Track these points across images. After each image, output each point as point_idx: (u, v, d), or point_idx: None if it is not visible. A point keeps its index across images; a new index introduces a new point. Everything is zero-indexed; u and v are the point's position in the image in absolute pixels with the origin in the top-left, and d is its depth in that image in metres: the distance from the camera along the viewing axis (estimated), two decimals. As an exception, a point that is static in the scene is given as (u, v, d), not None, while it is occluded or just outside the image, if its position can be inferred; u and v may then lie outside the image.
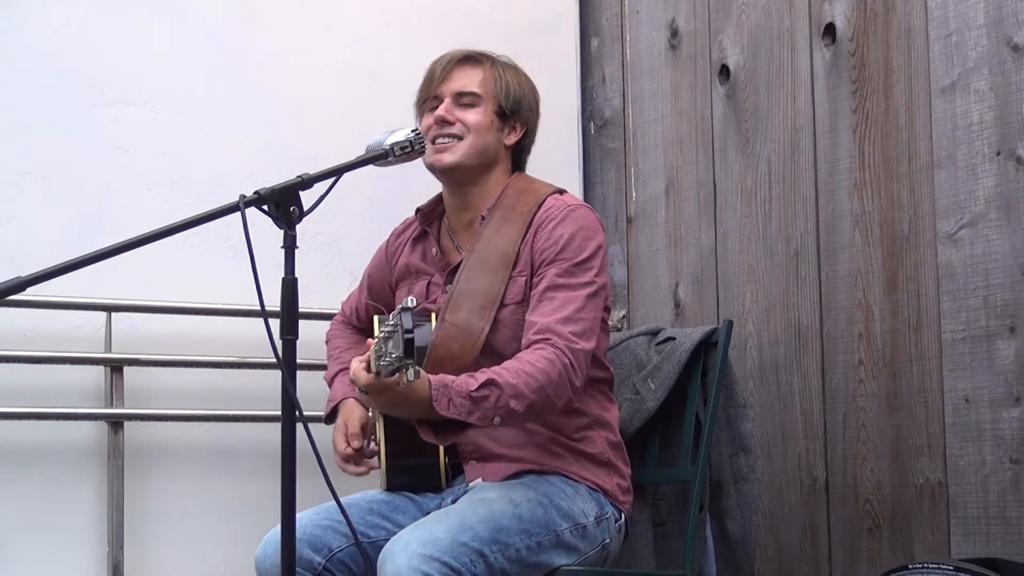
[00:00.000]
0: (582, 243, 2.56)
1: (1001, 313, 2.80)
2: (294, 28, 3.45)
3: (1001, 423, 2.79)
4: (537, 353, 2.42)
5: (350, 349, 2.89)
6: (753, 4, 3.38)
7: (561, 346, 2.43)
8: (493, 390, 2.32)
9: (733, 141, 3.42)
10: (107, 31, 3.21)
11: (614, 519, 2.61)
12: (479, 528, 2.35)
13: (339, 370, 2.83)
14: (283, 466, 2.07)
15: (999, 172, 2.81)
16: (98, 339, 3.11)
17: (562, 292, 2.51)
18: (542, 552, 2.45)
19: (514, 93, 2.69)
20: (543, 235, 2.58)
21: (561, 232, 2.57)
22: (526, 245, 2.59)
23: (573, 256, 2.54)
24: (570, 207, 2.62)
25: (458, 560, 2.28)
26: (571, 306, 2.49)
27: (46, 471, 3.06)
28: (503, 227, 2.63)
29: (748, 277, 3.34)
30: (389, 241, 2.90)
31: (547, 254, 2.56)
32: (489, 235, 2.63)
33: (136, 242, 2.06)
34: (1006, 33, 2.81)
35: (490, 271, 2.58)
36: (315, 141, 3.34)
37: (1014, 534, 2.75)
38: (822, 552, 3.12)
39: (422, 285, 2.75)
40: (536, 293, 2.53)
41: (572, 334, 2.46)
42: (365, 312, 2.93)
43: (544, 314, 2.49)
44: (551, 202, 2.64)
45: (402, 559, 2.25)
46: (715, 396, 2.86)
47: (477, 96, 2.67)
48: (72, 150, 3.15)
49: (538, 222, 2.61)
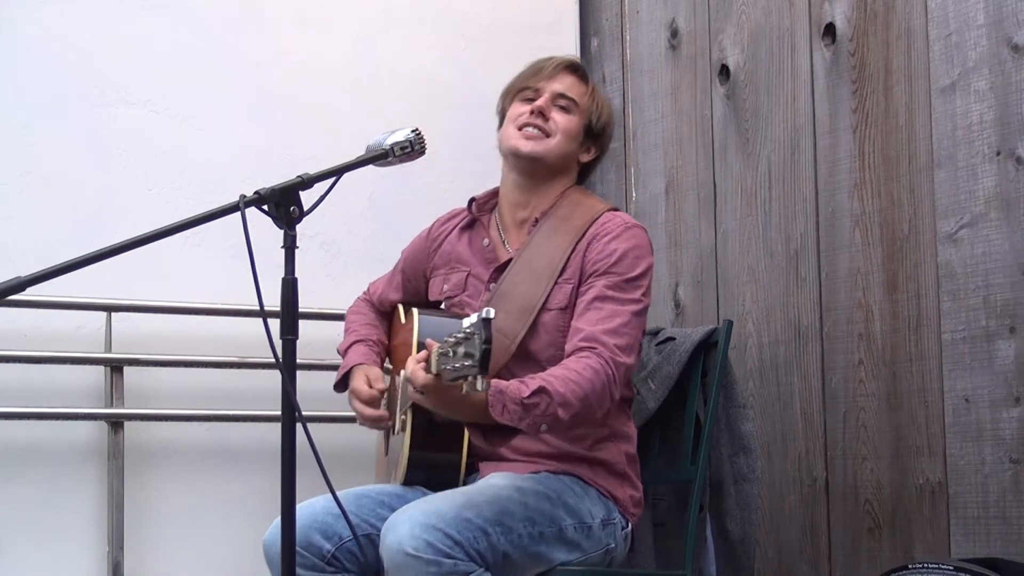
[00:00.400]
0: (635, 260, 2.60)
1: (1001, 313, 2.80)
2: (294, 28, 3.45)
3: (1001, 423, 2.79)
4: (583, 361, 2.44)
5: (367, 326, 2.89)
6: (753, 4, 3.38)
7: (606, 357, 2.46)
8: (543, 398, 2.34)
9: (733, 141, 3.42)
10: (107, 31, 3.21)
11: (620, 526, 2.61)
12: (484, 508, 2.37)
13: (355, 341, 2.84)
14: (283, 466, 2.07)
15: (999, 172, 2.81)
16: (98, 339, 3.11)
17: (610, 304, 2.54)
18: (543, 543, 2.46)
19: (604, 118, 2.78)
20: (597, 246, 2.61)
21: (615, 247, 2.60)
22: (577, 254, 2.62)
23: (625, 272, 2.58)
24: (627, 225, 2.66)
25: (460, 533, 2.30)
26: (617, 319, 2.52)
27: (46, 471, 3.06)
28: (554, 235, 2.66)
29: (748, 277, 3.34)
30: (433, 227, 2.90)
31: (599, 266, 2.59)
32: (539, 241, 2.66)
33: (136, 242, 2.06)
34: (1006, 33, 2.81)
35: (535, 276, 2.60)
36: (315, 141, 3.35)
37: (1014, 534, 2.75)
38: (822, 552, 3.12)
39: (460, 277, 2.76)
40: (583, 301, 2.56)
41: (617, 347, 2.48)
42: (392, 299, 2.92)
43: (590, 322, 2.51)
44: (608, 217, 2.68)
45: (405, 528, 2.27)
46: (715, 396, 2.86)
47: (575, 104, 2.74)
48: (72, 150, 3.15)
49: (593, 234, 2.64)
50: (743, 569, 2.92)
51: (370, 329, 2.88)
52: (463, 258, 2.78)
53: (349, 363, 2.78)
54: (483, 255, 2.75)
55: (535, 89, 2.75)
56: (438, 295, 2.79)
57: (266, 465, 3.03)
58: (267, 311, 2.04)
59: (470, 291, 2.72)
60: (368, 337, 2.85)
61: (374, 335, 2.87)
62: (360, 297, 3.00)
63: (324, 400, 3.20)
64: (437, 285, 2.81)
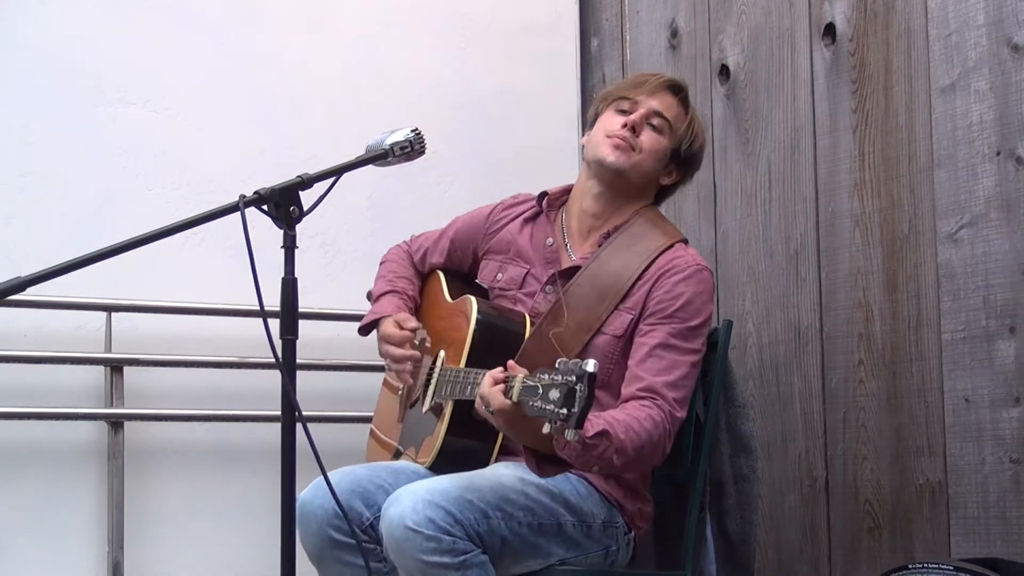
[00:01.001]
0: (700, 307, 2.58)
1: (1001, 313, 2.79)
2: (294, 28, 3.45)
3: (1001, 423, 2.79)
4: (646, 411, 2.43)
5: (404, 279, 2.86)
6: (753, 4, 3.38)
7: (666, 411, 2.45)
8: (603, 441, 2.32)
9: (733, 141, 3.42)
10: (107, 31, 3.21)
11: (623, 531, 2.61)
12: (487, 492, 2.37)
13: (390, 290, 2.81)
14: (283, 466, 2.07)
15: (999, 172, 2.81)
16: (98, 339, 3.11)
17: (671, 354, 2.52)
18: (542, 535, 2.46)
19: (694, 145, 2.73)
20: (665, 285, 2.58)
21: (683, 290, 2.57)
22: (643, 284, 2.59)
23: (689, 319, 2.55)
24: (698, 267, 2.63)
25: (462, 513, 2.30)
26: (678, 371, 2.51)
27: (46, 471, 3.06)
28: (623, 253, 2.63)
29: (748, 277, 3.34)
30: (495, 208, 2.87)
31: (664, 307, 2.56)
32: (607, 256, 2.63)
33: (136, 242, 2.06)
34: (1006, 33, 2.81)
35: (599, 294, 2.58)
36: (315, 141, 3.35)
37: (1014, 534, 2.75)
38: (822, 552, 3.11)
39: (518, 272, 2.73)
40: (644, 344, 2.53)
41: (675, 400, 2.48)
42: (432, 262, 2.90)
43: (651, 372, 2.49)
44: (679, 251, 2.65)
45: (408, 502, 2.28)
46: (715, 396, 2.86)
47: (668, 125, 2.70)
48: (72, 150, 3.15)
49: (662, 267, 2.60)
50: (743, 569, 2.92)
51: (406, 283, 2.85)
52: (523, 253, 2.75)
53: (380, 312, 2.76)
54: (544, 255, 2.72)
55: (633, 101, 2.70)
56: (489, 282, 2.75)
57: (266, 465, 3.02)
58: (267, 311, 2.04)
59: (526, 289, 2.70)
60: (404, 291, 2.82)
61: (410, 289, 2.84)
62: (400, 246, 2.97)
63: (324, 400, 3.21)
64: (490, 271, 2.77)
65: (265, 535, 2.52)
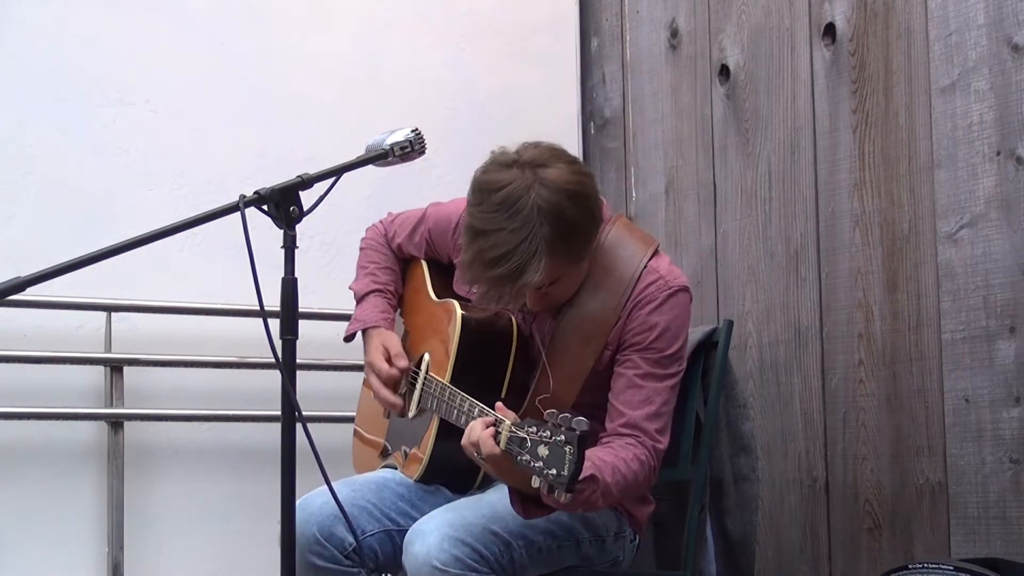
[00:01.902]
0: (676, 332, 2.49)
1: (1001, 313, 2.79)
2: (294, 28, 3.45)
3: (1001, 423, 2.79)
4: (632, 452, 2.39)
5: (386, 270, 2.78)
6: (753, 4, 3.38)
7: (649, 447, 2.42)
8: (590, 485, 2.26)
9: (733, 141, 3.42)
10: (107, 31, 3.21)
11: (630, 539, 2.61)
12: (509, 520, 2.35)
13: (374, 289, 2.74)
14: (283, 466, 2.07)
15: (999, 172, 2.81)
16: (98, 339, 3.11)
17: (650, 383, 2.46)
18: (559, 554, 2.46)
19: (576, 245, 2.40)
20: (638, 317, 2.48)
21: (657, 320, 2.47)
22: (620, 320, 2.49)
23: (665, 348, 2.48)
24: (670, 291, 2.48)
25: (487, 548, 2.29)
26: (658, 399, 2.46)
27: (46, 471, 3.06)
28: (598, 292, 2.51)
29: (748, 277, 3.34)
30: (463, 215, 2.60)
31: (639, 339, 2.48)
32: (584, 299, 2.51)
33: (136, 242, 2.06)
34: (1006, 33, 2.81)
35: (583, 340, 2.50)
36: (315, 141, 3.35)
37: (1014, 534, 2.75)
38: (822, 552, 3.11)
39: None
40: (623, 376, 2.47)
41: (657, 431, 2.44)
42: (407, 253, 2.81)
43: (631, 406, 2.44)
44: (651, 276, 2.50)
45: (433, 539, 2.26)
46: (715, 396, 2.86)
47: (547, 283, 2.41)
48: (72, 150, 3.15)
49: (636, 299, 2.49)
50: (743, 569, 2.92)
51: (388, 275, 2.78)
52: None
53: (366, 320, 2.68)
54: None
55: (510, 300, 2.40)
56: (466, 293, 2.63)
57: (266, 465, 3.02)
58: (267, 311, 2.04)
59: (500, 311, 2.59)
60: (386, 286, 2.76)
61: (391, 283, 2.78)
62: (378, 228, 2.86)
63: (324, 400, 3.21)
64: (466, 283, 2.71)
65: (265, 535, 2.53)
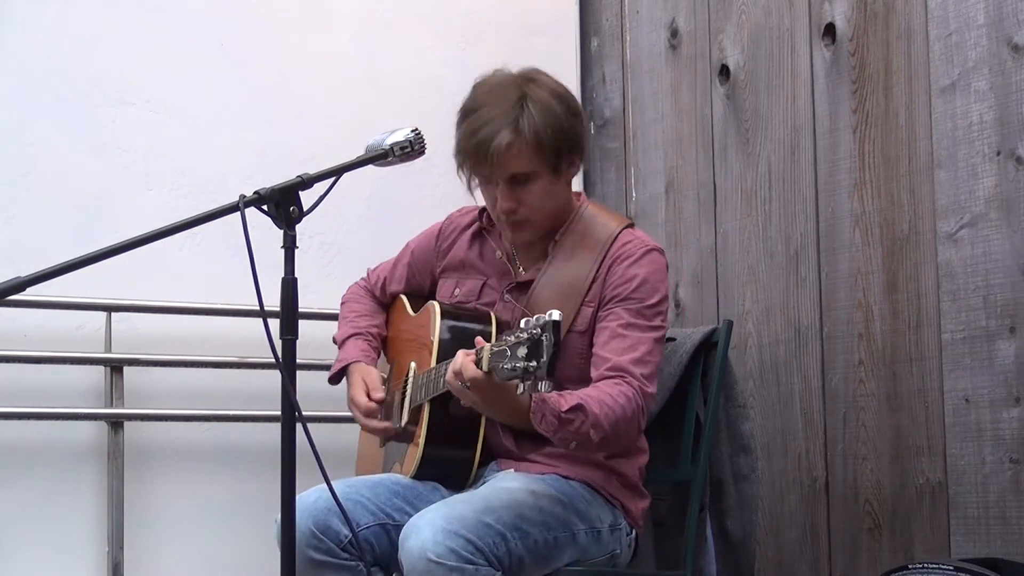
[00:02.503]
0: (654, 287, 2.57)
1: (1001, 313, 2.79)
2: (294, 28, 3.45)
3: (1001, 423, 2.79)
4: (617, 388, 2.43)
5: (366, 316, 2.86)
6: (753, 4, 3.38)
7: (636, 386, 2.45)
8: (579, 415, 2.33)
9: (733, 141, 3.42)
10: (107, 31, 3.21)
11: (626, 532, 2.61)
12: (503, 512, 2.37)
13: (353, 334, 2.81)
14: (283, 466, 2.07)
15: (999, 172, 2.81)
16: (98, 339, 3.11)
17: (634, 332, 2.52)
18: (556, 547, 2.46)
19: (561, 144, 2.55)
20: (618, 271, 2.58)
21: (636, 272, 2.57)
22: (599, 277, 2.59)
23: (645, 298, 2.55)
24: (647, 248, 2.61)
25: (482, 539, 2.29)
26: (642, 347, 2.51)
27: (46, 471, 3.06)
28: (575, 253, 2.62)
29: (748, 277, 3.34)
30: (443, 225, 2.83)
31: (619, 291, 2.56)
32: (561, 260, 2.62)
33: (136, 242, 2.06)
34: (1006, 33, 2.81)
35: (563, 297, 2.57)
36: (315, 141, 3.34)
37: (1014, 534, 2.75)
38: (822, 552, 3.11)
39: (475, 284, 2.72)
40: (606, 329, 2.53)
41: (643, 376, 2.48)
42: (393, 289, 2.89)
43: (616, 352, 2.50)
44: (627, 237, 2.63)
45: (428, 533, 2.27)
46: (715, 396, 2.86)
47: (529, 172, 2.54)
48: (72, 150, 3.15)
49: (614, 255, 2.60)
50: (743, 569, 2.92)
51: (368, 321, 2.85)
52: (476, 266, 2.74)
53: (346, 359, 2.76)
54: (496, 267, 2.72)
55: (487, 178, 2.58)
56: (448, 298, 2.75)
57: (266, 465, 3.03)
58: (267, 311, 2.04)
59: (485, 299, 2.69)
60: (367, 330, 2.83)
61: (373, 328, 2.84)
62: (358, 283, 2.96)
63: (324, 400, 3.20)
64: (448, 288, 2.77)
65: (265, 535, 2.53)
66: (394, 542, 2.42)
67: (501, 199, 2.57)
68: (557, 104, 2.57)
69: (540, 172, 2.56)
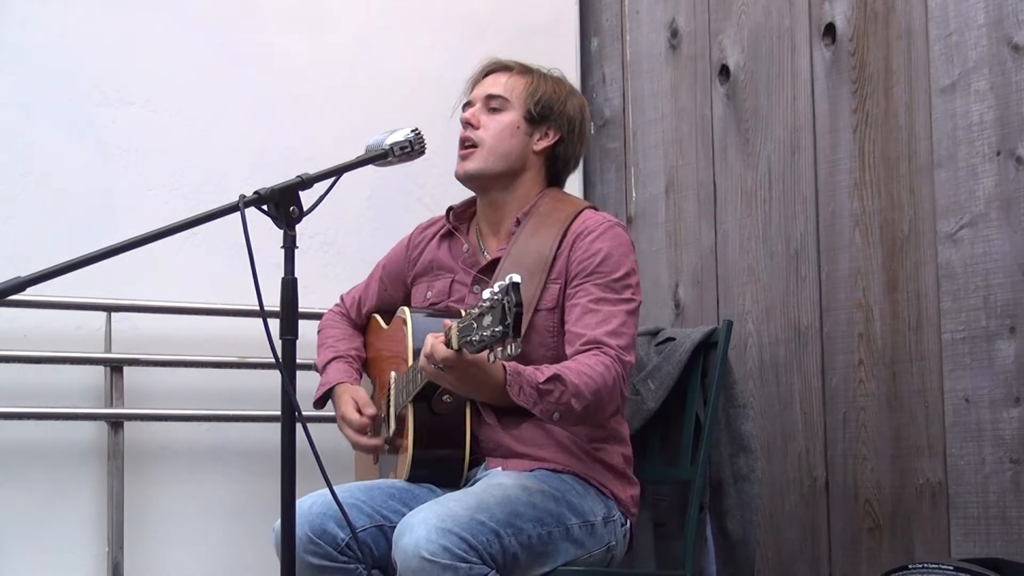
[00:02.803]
0: (619, 260, 2.59)
1: (1001, 313, 2.80)
2: (294, 28, 3.45)
3: (1001, 423, 2.79)
4: (594, 358, 2.45)
5: (344, 340, 2.90)
6: (753, 4, 3.38)
7: (613, 355, 2.47)
8: (558, 385, 2.35)
9: (733, 141, 3.42)
10: (107, 31, 3.21)
11: (620, 523, 2.62)
12: (496, 510, 2.37)
13: (333, 357, 2.84)
14: (283, 466, 2.07)
15: (999, 172, 2.81)
16: (98, 339, 3.11)
17: (605, 306, 2.53)
18: (551, 543, 2.46)
19: (546, 98, 2.70)
20: (581, 246, 2.60)
21: (600, 246, 2.59)
22: (563, 253, 2.61)
23: (611, 272, 2.57)
24: (609, 223, 2.64)
25: (475, 537, 2.30)
26: (615, 320, 2.52)
27: (46, 471, 3.06)
28: (539, 231, 2.65)
29: (748, 277, 3.34)
30: (412, 235, 2.89)
31: (585, 266, 2.58)
32: (525, 238, 2.65)
33: (136, 242, 2.06)
34: (1006, 33, 2.81)
35: (527, 273, 2.58)
36: (315, 141, 3.34)
37: (1014, 534, 2.75)
38: (822, 552, 3.12)
39: (444, 283, 2.75)
40: (577, 305, 2.55)
41: (619, 347, 2.49)
42: (368, 307, 2.93)
43: (589, 327, 2.51)
44: (588, 214, 2.67)
45: (421, 531, 2.27)
46: (715, 396, 2.86)
47: (504, 100, 2.69)
48: (72, 150, 3.15)
49: (576, 231, 2.63)
50: (743, 569, 2.92)
51: (347, 344, 2.88)
52: (445, 264, 2.77)
53: (330, 381, 2.78)
54: (464, 260, 2.74)
55: (470, 102, 2.73)
56: (421, 302, 2.78)
57: (266, 465, 3.03)
58: (267, 311, 2.04)
59: (455, 296, 2.72)
60: (347, 353, 2.85)
61: (352, 350, 2.87)
62: (332, 310, 2.99)
63: (324, 400, 3.19)
64: (420, 293, 2.79)
65: (265, 535, 2.53)
66: (391, 543, 2.43)
67: (467, 114, 2.68)
68: (565, 82, 2.78)
69: (514, 107, 2.67)
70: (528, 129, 2.69)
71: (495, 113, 2.69)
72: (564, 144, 2.73)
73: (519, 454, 2.59)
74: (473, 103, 2.72)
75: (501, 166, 2.68)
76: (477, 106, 2.70)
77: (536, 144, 2.71)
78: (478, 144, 2.66)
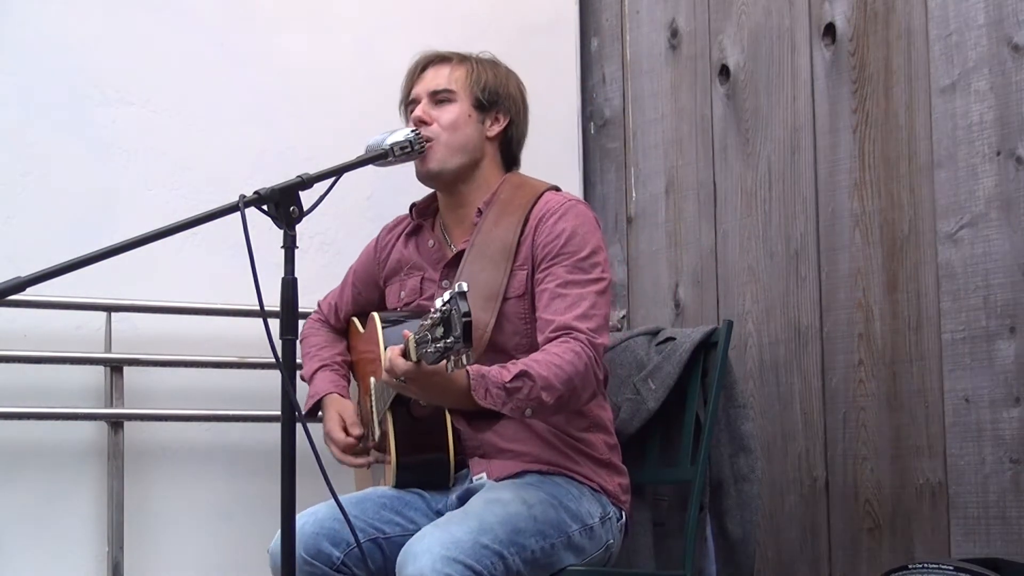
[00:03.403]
0: (584, 238, 2.57)
1: (1001, 313, 2.80)
2: (294, 28, 3.45)
3: (1001, 423, 2.79)
4: (563, 346, 2.43)
5: (327, 347, 2.90)
6: (753, 4, 3.38)
7: (583, 340, 2.45)
8: (526, 381, 2.33)
9: (733, 141, 3.42)
10: (107, 31, 3.21)
11: (616, 519, 2.62)
12: (498, 530, 2.36)
13: (320, 367, 2.84)
14: (283, 466, 2.07)
15: (999, 172, 2.81)
16: (98, 339, 3.11)
17: (573, 289, 2.52)
18: (554, 553, 2.46)
19: (490, 83, 2.70)
20: (544, 229, 2.59)
21: (563, 227, 2.57)
22: (526, 238, 2.60)
23: (577, 251, 2.55)
24: (569, 202, 2.63)
25: (480, 563, 2.29)
26: (584, 303, 2.50)
27: (46, 471, 3.05)
28: (501, 219, 2.63)
29: (748, 277, 3.34)
30: (379, 236, 2.90)
31: (550, 249, 2.56)
32: (488, 228, 2.63)
33: (136, 242, 2.06)
34: (1006, 33, 2.81)
35: (492, 263, 2.58)
36: (315, 141, 3.34)
37: (1014, 534, 2.75)
38: (822, 552, 3.12)
39: (415, 281, 2.75)
40: (545, 291, 2.54)
41: (591, 330, 2.47)
42: (345, 312, 2.93)
43: (558, 312, 2.49)
44: (549, 196, 2.66)
45: (425, 560, 2.25)
46: (715, 396, 2.86)
47: (451, 92, 2.68)
48: (72, 150, 3.15)
49: (537, 215, 2.62)
50: (743, 569, 2.92)
51: (331, 351, 2.88)
52: (414, 263, 2.77)
53: (318, 392, 2.78)
54: (431, 256, 2.74)
55: (413, 100, 2.72)
56: (396, 303, 2.78)
57: (266, 465, 3.03)
58: (267, 311, 2.05)
59: (427, 294, 2.71)
60: (332, 360, 2.85)
61: (337, 357, 2.87)
62: (312, 318, 2.99)
63: (324, 400, 3.19)
64: (394, 293, 2.79)
65: (265, 535, 2.53)
66: (387, 556, 2.43)
67: (417, 111, 2.65)
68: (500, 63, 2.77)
69: (461, 97, 2.66)
70: (479, 117, 2.69)
71: (443, 106, 2.67)
72: (514, 125, 2.75)
73: (502, 450, 2.58)
74: (418, 100, 2.70)
75: (460, 159, 2.67)
76: (424, 102, 2.68)
77: (489, 130, 2.71)
78: (434, 138, 2.64)
